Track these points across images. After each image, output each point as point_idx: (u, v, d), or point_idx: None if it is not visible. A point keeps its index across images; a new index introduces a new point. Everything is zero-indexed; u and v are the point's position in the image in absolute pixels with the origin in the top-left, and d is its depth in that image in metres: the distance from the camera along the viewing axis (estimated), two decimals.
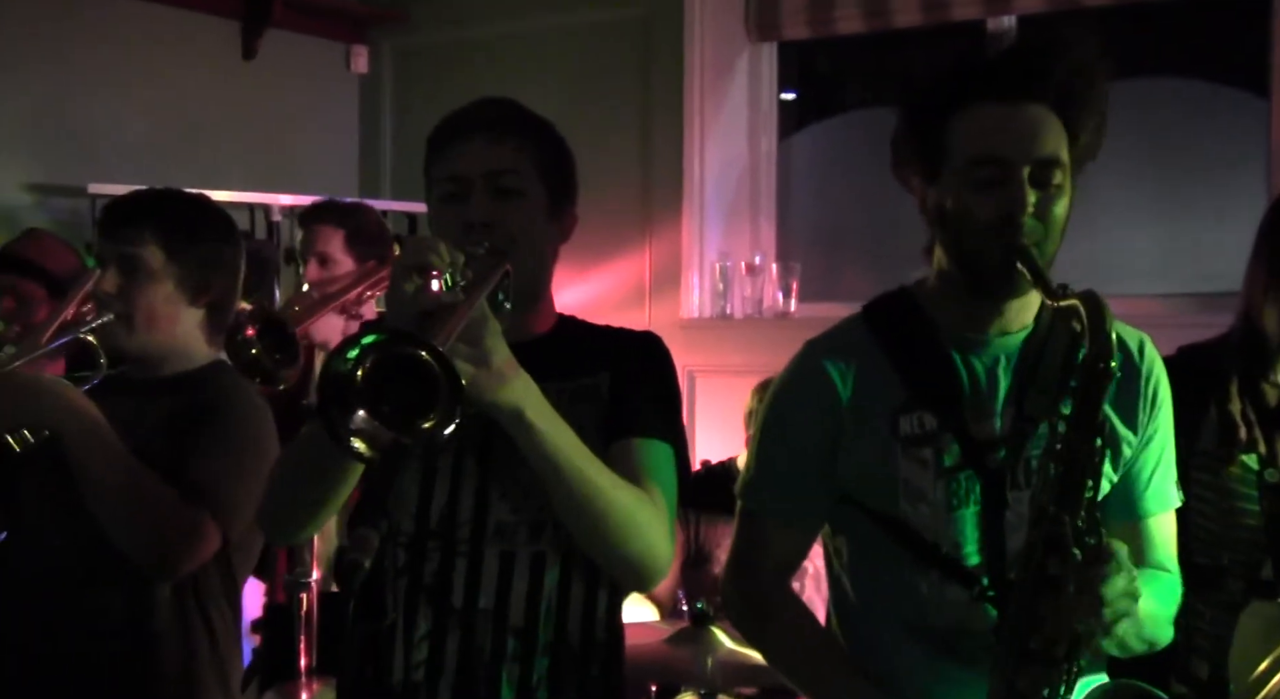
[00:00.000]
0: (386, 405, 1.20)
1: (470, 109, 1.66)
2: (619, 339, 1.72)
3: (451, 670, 1.56)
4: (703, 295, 4.39)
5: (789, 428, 1.71)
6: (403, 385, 1.20)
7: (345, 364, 1.20)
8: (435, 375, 1.18)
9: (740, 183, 4.49)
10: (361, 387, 1.20)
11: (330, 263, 3.17)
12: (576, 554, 1.59)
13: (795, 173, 4.63)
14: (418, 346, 1.19)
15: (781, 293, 4.26)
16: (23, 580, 2.07)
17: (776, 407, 1.73)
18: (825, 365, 1.67)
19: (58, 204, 4.16)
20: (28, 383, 1.92)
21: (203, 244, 2.11)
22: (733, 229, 4.47)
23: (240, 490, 1.99)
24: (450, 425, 1.19)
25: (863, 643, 1.70)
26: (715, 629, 2.50)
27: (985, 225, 1.56)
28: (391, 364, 1.20)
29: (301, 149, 4.83)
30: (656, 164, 4.39)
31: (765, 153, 4.51)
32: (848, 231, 4.59)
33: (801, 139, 4.68)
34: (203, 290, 2.12)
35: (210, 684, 2.05)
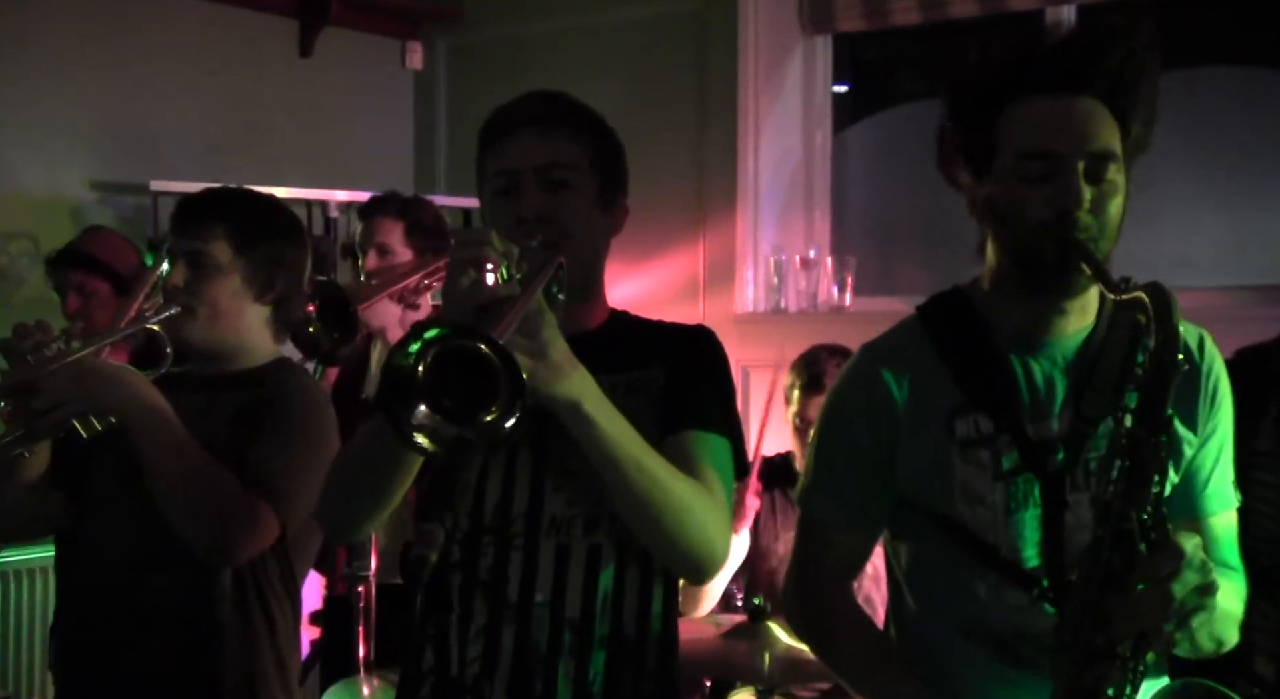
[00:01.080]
0: (448, 399, 1.21)
1: (519, 103, 1.66)
2: (673, 333, 1.72)
3: (507, 664, 1.57)
4: (757, 290, 4.38)
5: (846, 434, 1.70)
6: (463, 379, 1.20)
7: (406, 359, 1.20)
8: (495, 368, 1.19)
9: (794, 176, 4.47)
10: (422, 381, 1.20)
11: (390, 254, 3.21)
12: (632, 547, 1.59)
13: (850, 166, 4.60)
14: (478, 340, 1.20)
15: (836, 287, 4.23)
16: (93, 567, 2.11)
17: (833, 413, 1.73)
18: (880, 370, 1.66)
19: (121, 201, 4.22)
20: (94, 369, 1.96)
21: (270, 242, 2.14)
22: (787, 223, 4.45)
23: (300, 482, 2.01)
24: (512, 418, 1.20)
25: (921, 647, 1.69)
26: (772, 624, 2.48)
27: (1039, 222, 1.54)
28: (452, 358, 1.20)
29: (357, 145, 4.87)
30: (710, 158, 4.38)
31: (820, 146, 4.49)
32: (903, 225, 4.55)
33: (856, 132, 4.65)
34: (268, 287, 2.15)
35: (269, 675, 2.08)
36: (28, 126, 4.03)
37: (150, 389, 1.98)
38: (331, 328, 2.58)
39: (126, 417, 1.95)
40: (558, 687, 1.57)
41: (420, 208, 3.29)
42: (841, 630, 1.73)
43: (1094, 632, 1.49)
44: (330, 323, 2.58)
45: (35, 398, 1.92)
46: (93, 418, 1.96)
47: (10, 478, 2.04)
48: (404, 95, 5.12)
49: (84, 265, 3.25)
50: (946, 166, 1.67)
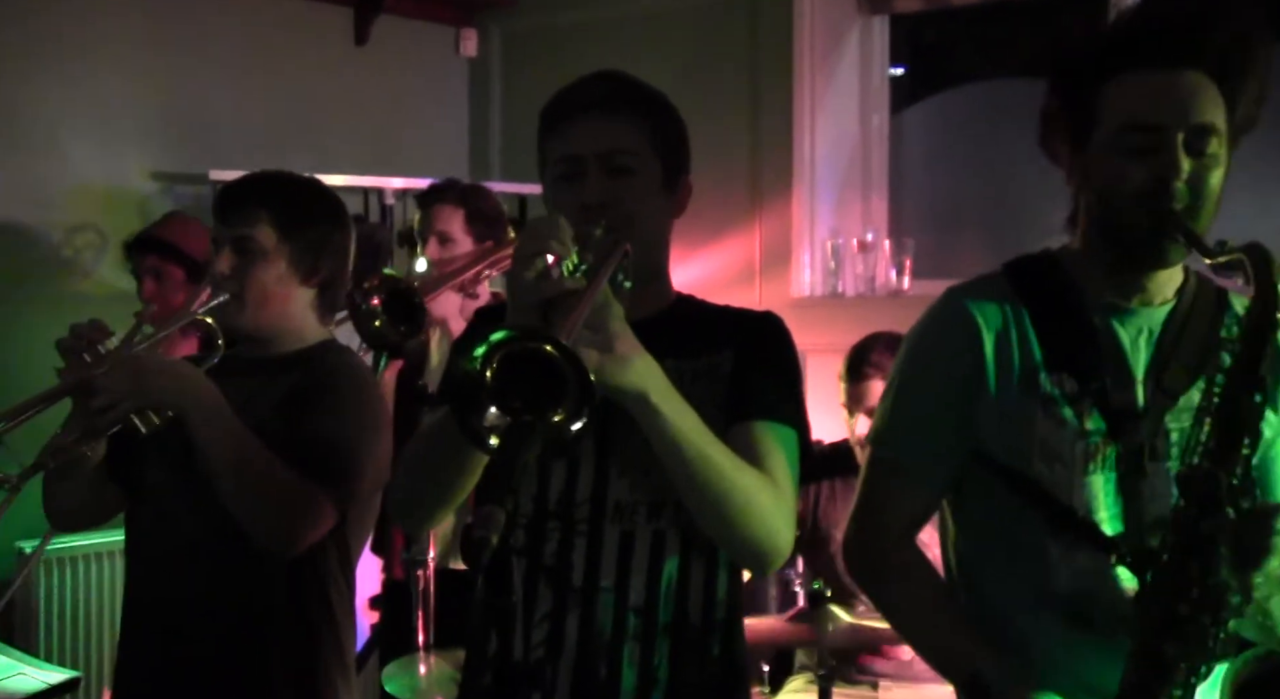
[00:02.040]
0: (517, 400, 1.20)
1: (581, 85, 1.65)
2: (740, 319, 1.70)
3: (571, 650, 1.57)
4: (814, 274, 4.34)
5: (927, 376, 1.68)
6: (532, 378, 1.20)
7: (473, 363, 1.20)
8: (563, 370, 1.18)
9: (851, 159, 4.42)
10: (491, 385, 1.20)
11: (449, 242, 3.22)
12: (696, 535, 1.58)
13: (907, 148, 4.55)
14: (544, 343, 1.19)
15: (895, 270, 4.19)
16: (153, 556, 2.13)
17: (916, 352, 1.71)
18: (970, 311, 1.64)
19: (181, 191, 4.26)
20: (150, 366, 1.97)
21: (314, 225, 2.15)
22: (844, 206, 4.41)
23: (355, 464, 2.02)
24: (579, 422, 1.19)
25: (987, 608, 1.67)
26: (833, 609, 2.46)
27: (1136, 192, 1.54)
28: (519, 359, 1.20)
29: (413, 133, 4.89)
30: (766, 141, 4.34)
31: (876, 128, 4.44)
32: (962, 207, 4.50)
33: (913, 113, 4.60)
34: (314, 271, 2.16)
35: (327, 657, 2.10)
36: (91, 120, 4.09)
37: (205, 382, 2.00)
38: (398, 321, 2.59)
39: (183, 411, 1.96)
40: (622, 673, 1.57)
41: (480, 196, 3.30)
42: (903, 580, 1.71)
43: (1176, 600, 1.47)
44: (396, 316, 2.60)
45: (94, 397, 1.94)
46: (150, 413, 1.98)
47: (70, 474, 2.06)
48: (459, 82, 5.13)
49: (159, 250, 3.30)
50: (1047, 139, 1.66)
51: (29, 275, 3.91)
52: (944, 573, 1.76)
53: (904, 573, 1.71)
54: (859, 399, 3.06)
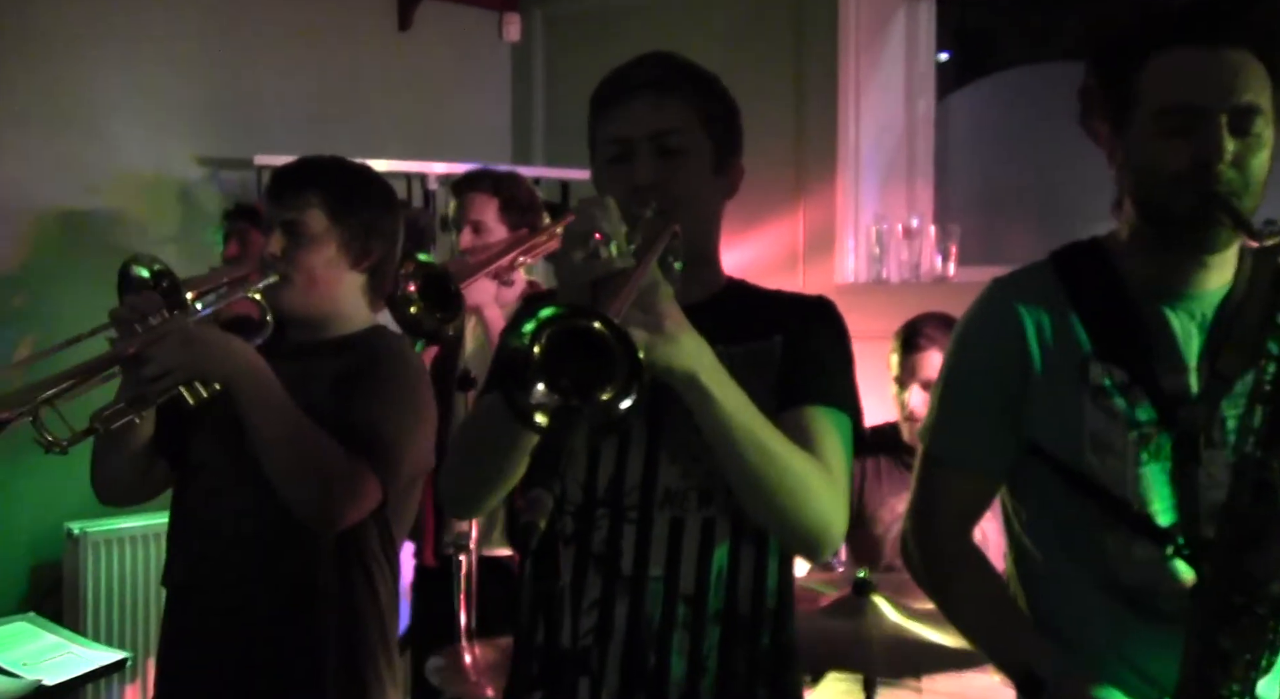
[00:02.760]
0: (565, 378, 1.19)
1: (632, 67, 1.63)
2: (792, 303, 1.68)
3: (620, 637, 1.56)
4: (858, 259, 4.31)
5: (975, 371, 1.66)
6: (581, 357, 1.19)
7: (521, 339, 1.19)
8: (612, 348, 1.17)
9: (897, 144, 4.38)
10: (539, 361, 1.19)
11: (484, 231, 3.22)
12: (747, 522, 1.56)
13: (953, 133, 4.50)
14: (593, 319, 1.18)
15: (940, 256, 4.14)
16: (199, 532, 2.15)
17: (963, 348, 1.68)
18: (1015, 305, 1.61)
19: (227, 176, 4.30)
20: (201, 337, 1.99)
21: (364, 210, 2.16)
22: (889, 191, 4.37)
23: (399, 446, 2.03)
24: (628, 399, 1.18)
25: (1049, 603, 1.65)
26: (878, 599, 2.40)
27: (1177, 174, 1.49)
28: (568, 336, 1.19)
29: (456, 117, 4.89)
30: (810, 126, 4.31)
31: (922, 113, 4.39)
32: (1008, 192, 4.45)
33: (959, 99, 4.55)
34: (363, 255, 2.17)
35: (373, 639, 2.11)
36: (138, 106, 4.12)
37: (254, 357, 2.01)
38: (434, 307, 2.60)
39: (232, 383, 1.98)
40: (671, 661, 1.56)
41: (513, 184, 3.29)
42: (961, 576, 1.69)
43: (1232, 590, 1.44)
44: (432, 302, 2.60)
45: (144, 366, 1.95)
46: (199, 385, 2.00)
47: (119, 445, 2.08)
48: (501, 67, 5.13)
49: (252, 218, 3.39)
50: (1086, 119, 1.63)
51: (77, 259, 3.95)
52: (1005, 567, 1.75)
53: (959, 567, 1.69)
54: (912, 371, 3.05)
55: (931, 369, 3.02)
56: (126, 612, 3.94)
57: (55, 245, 3.96)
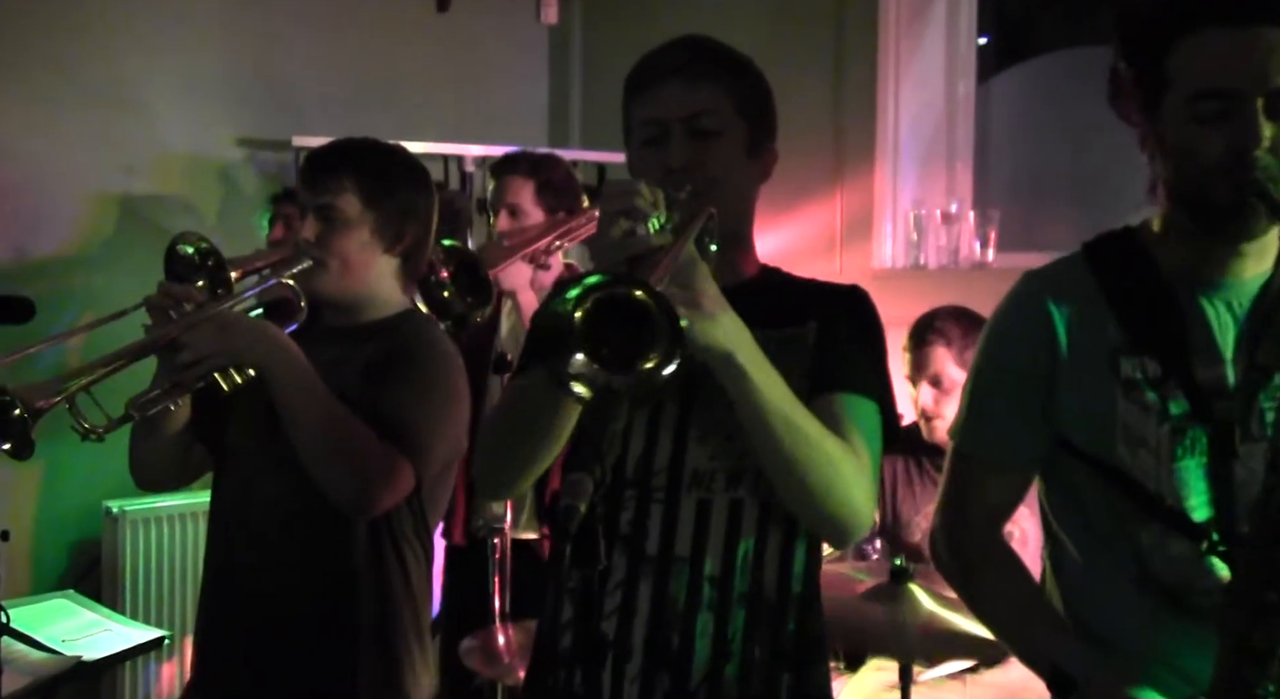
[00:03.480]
0: (606, 348, 1.19)
1: (665, 50, 1.63)
2: (826, 291, 1.68)
3: (644, 618, 1.56)
4: (896, 245, 4.27)
5: (1004, 365, 1.64)
6: (621, 328, 1.19)
7: (564, 305, 1.19)
8: (653, 317, 1.17)
9: (936, 128, 4.33)
10: (580, 329, 1.19)
11: (520, 214, 3.21)
12: (775, 505, 1.56)
13: (993, 118, 4.45)
14: (636, 287, 1.18)
15: (979, 242, 4.10)
16: (235, 518, 2.16)
17: (992, 343, 1.66)
18: (1044, 300, 1.59)
19: (265, 157, 4.31)
20: (235, 324, 2.00)
21: (398, 193, 2.16)
22: (928, 176, 4.33)
23: (434, 435, 2.04)
24: (670, 365, 1.18)
25: (1083, 598, 1.63)
26: (915, 587, 2.40)
27: (1212, 162, 1.45)
28: (609, 306, 1.19)
29: (493, 100, 4.88)
30: (849, 109, 4.27)
31: (962, 97, 4.34)
32: (1048, 178, 4.40)
33: (998, 83, 4.50)
34: (397, 239, 2.17)
35: (405, 623, 2.12)
36: (178, 88, 4.14)
37: (288, 343, 2.02)
38: (465, 291, 2.60)
39: (266, 370, 1.99)
40: (695, 643, 1.55)
41: (551, 166, 3.28)
42: (991, 574, 1.67)
43: (1266, 587, 1.41)
44: (463, 287, 2.60)
45: (180, 352, 1.96)
46: (233, 371, 2.01)
47: (155, 432, 2.10)
48: (539, 49, 5.12)
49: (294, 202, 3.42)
50: (1117, 101, 1.58)
51: (120, 241, 3.98)
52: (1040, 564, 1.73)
53: (989, 564, 1.68)
54: (921, 367, 3.03)
55: (938, 364, 3.00)
56: (164, 590, 3.98)
57: (98, 227, 3.99)
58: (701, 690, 1.56)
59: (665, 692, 1.55)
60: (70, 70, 3.92)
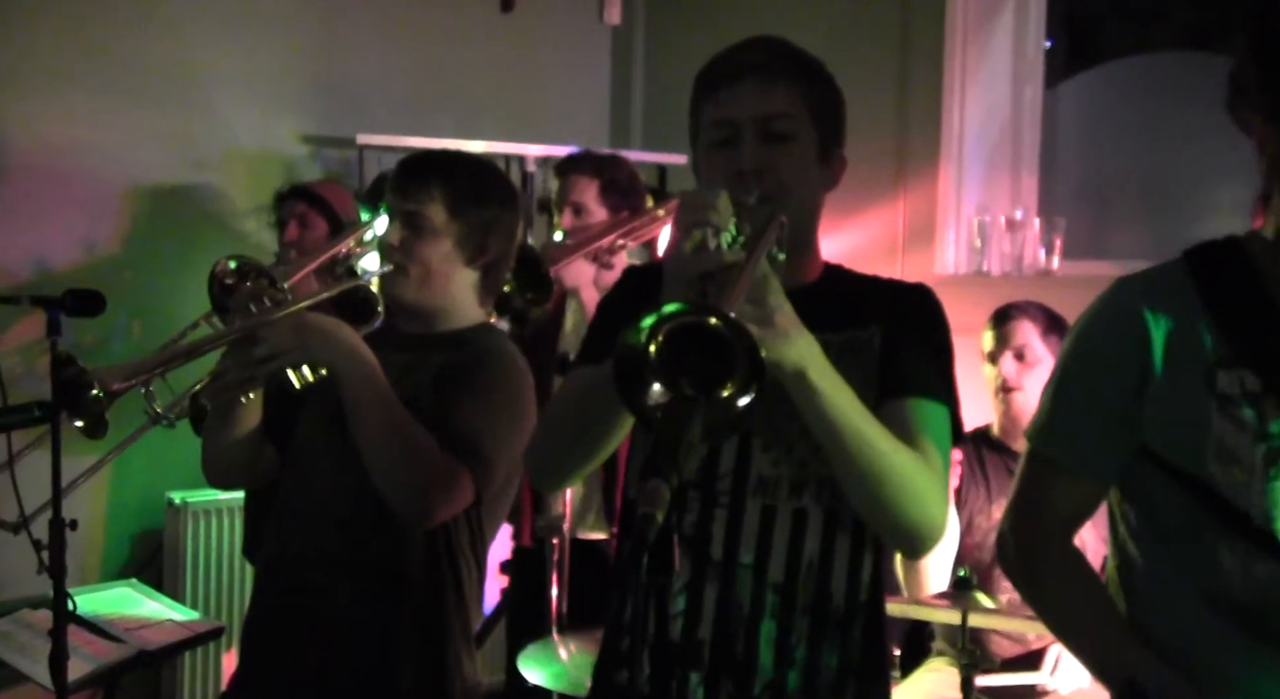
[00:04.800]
0: (684, 376, 1.18)
1: (739, 50, 1.61)
2: (891, 291, 1.66)
3: (709, 623, 1.55)
4: (959, 251, 4.23)
5: (1092, 370, 1.59)
6: (697, 354, 1.18)
7: (638, 336, 1.18)
8: (730, 343, 1.16)
9: (1002, 133, 4.28)
10: (656, 360, 1.18)
11: (584, 212, 3.21)
12: (841, 513, 1.54)
13: (1060, 124, 4.40)
14: (712, 316, 1.17)
15: (1044, 250, 4.05)
16: (292, 512, 2.18)
17: (1081, 345, 1.62)
18: (1139, 305, 1.55)
19: (329, 155, 4.35)
20: (312, 323, 2.02)
21: (485, 208, 2.17)
22: (992, 182, 4.28)
23: (499, 450, 2.04)
24: (747, 396, 1.17)
25: (1150, 612, 1.58)
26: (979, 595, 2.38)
27: None
28: (686, 335, 1.18)
29: (555, 100, 4.89)
30: (913, 113, 4.23)
31: (1029, 102, 4.29)
32: (1117, 185, 4.33)
33: (1066, 88, 4.44)
34: (479, 252, 2.18)
35: (454, 631, 2.12)
36: (245, 85, 4.19)
37: (361, 345, 2.04)
38: (525, 287, 2.61)
39: (338, 370, 2.00)
40: (759, 650, 1.54)
41: (615, 166, 3.28)
42: (1062, 584, 1.64)
43: None
44: (524, 282, 2.61)
45: (256, 346, 1.99)
46: (306, 369, 2.03)
47: (228, 423, 2.12)
48: (601, 49, 5.12)
49: (309, 200, 3.43)
50: (1238, 107, 1.52)
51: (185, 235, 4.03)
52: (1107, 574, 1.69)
53: (1061, 571, 1.64)
54: (1005, 340, 3.03)
55: (1023, 336, 3.01)
56: (223, 581, 4.03)
57: (167, 222, 4.05)
58: (764, 697, 1.55)
59: (729, 696, 1.54)
60: (141, 68, 3.97)
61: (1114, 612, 1.62)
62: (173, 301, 3.05)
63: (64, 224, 3.87)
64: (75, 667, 2.66)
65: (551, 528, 2.81)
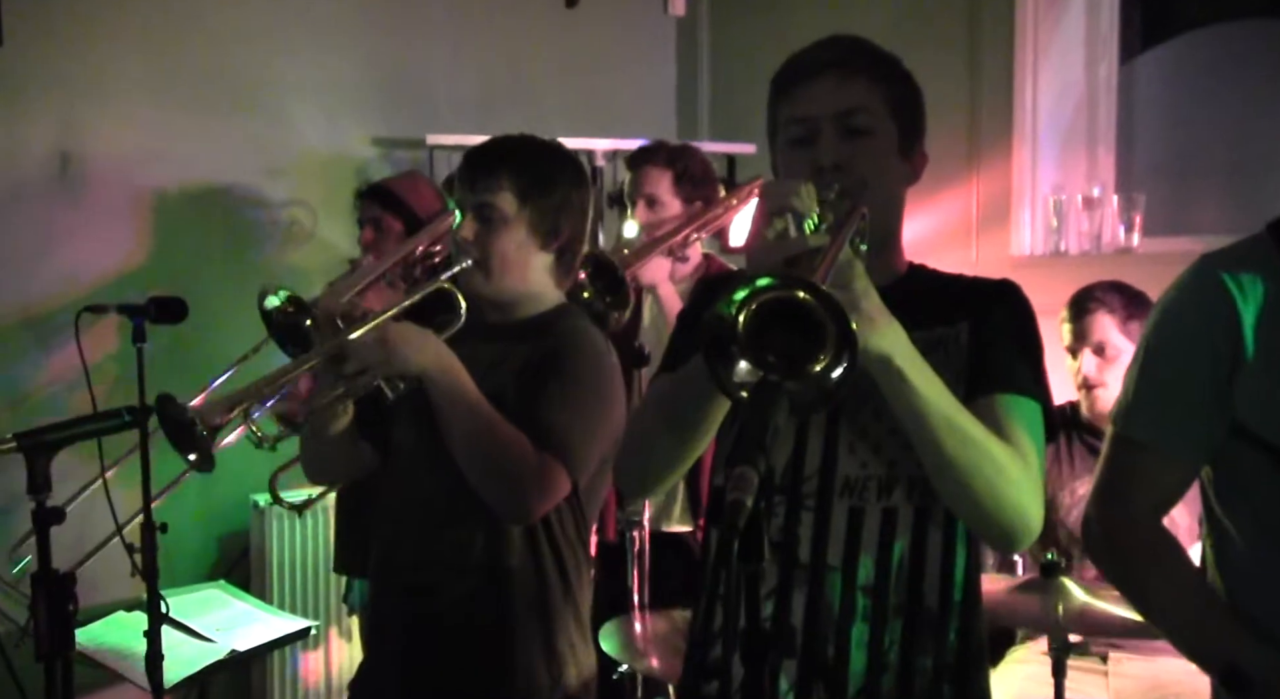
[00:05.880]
0: (771, 353, 1.17)
1: (817, 47, 1.61)
2: (977, 288, 1.63)
3: (798, 628, 1.53)
4: (1035, 231, 4.15)
5: (1179, 349, 1.56)
6: (786, 331, 1.16)
7: (729, 308, 1.17)
8: (819, 318, 1.14)
9: (1077, 110, 4.20)
10: (744, 335, 1.17)
11: (658, 204, 3.21)
12: (931, 512, 1.52)
13: (1137, 98, 4.30)
14: (801, 288, 1.15)
15: (1123, 227, 3.97)
16: (398, 517, 2.20)
17: (1166, 325, 1.59)
18: (1225, 281, 1.51)
19: (399, 156, 4.38)
20: (397, 335, 2.03)
21: (554, 190, 2.17)
22: (1068, 160, 4.20)
23: (589, 437, 2.04)
24: (840, 368, 1.15)
25: (1250, 591, 1.55)
26: (1066, 581, 2.34)
27: None
28: (773, 310, 1.16)
29: (621, 93, 4.89)
30: (985, 91, 4.16)
31: (1104, 77, 4.20)
32: (1198, 159, 4.23)
33: (1143, 62, 4.34)
34: (553, 235, 2.18)
35: (565, 618, 2.13)
36: (315, 88, 4.23)
37: (446, 352, 2.05)
38: (603, 292, 2.62)
39: (425, 380, 2.02)
40: (850, 655, 1.52)
41: (688, 156, 3.28)
42: (1156, 569, 1.61)
43: None
44: (601, 288, 2.62)
45: (345, 363, 2.02)
46: (397, 379, 2.05)
47: (322, 432, 2.15)
48: (666, 41, 5.11)
49: (384, 200, 3.42)
50: None
51: (259, 239, 4.09)
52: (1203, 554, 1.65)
53: (1153, 554, 1.61)
54: (1083, 335, 2.99)
55: (1101, 331, 2.96)
56: (309, 581, 4.07)
57: (243, 227, 4.10)
58: None
59: None
60: (210, 77, 4.03)
61: (1211, 595, 1.59)
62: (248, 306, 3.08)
63: (140, 232, 3.93)
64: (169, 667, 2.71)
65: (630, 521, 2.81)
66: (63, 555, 2.07)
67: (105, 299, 3.11)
